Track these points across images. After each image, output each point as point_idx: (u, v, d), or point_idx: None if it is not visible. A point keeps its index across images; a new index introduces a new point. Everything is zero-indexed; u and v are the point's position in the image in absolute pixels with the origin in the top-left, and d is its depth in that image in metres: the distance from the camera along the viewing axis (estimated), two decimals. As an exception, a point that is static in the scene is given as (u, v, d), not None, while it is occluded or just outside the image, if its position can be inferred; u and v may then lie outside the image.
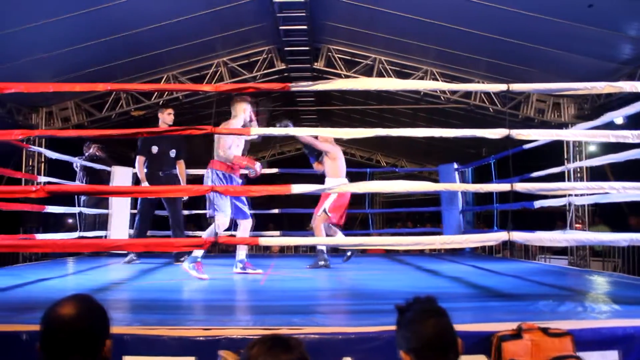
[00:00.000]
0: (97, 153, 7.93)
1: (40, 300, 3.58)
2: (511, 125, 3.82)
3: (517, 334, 2.43)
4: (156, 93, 9.76)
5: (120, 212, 7.53)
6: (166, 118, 6.42)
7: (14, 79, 4.57)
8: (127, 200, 7.58)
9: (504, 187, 3.78)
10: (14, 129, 3.97)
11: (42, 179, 7.06)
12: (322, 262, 5.74)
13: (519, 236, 3.55)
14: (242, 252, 5.38)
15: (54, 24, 6.80)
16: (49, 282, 4.65)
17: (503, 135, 3.61)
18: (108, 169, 7.69)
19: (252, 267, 5.36)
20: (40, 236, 5.79)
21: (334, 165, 5.90)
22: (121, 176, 7.62)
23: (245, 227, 5.31)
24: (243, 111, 5.28)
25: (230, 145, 5.08)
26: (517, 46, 7.53)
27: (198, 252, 4.93)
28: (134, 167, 6.82)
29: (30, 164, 9.60)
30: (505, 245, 9.22)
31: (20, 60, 7.56)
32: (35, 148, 8.01)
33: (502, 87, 3.90)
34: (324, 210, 5.66)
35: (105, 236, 7.36)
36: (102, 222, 7.68)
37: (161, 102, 9.79)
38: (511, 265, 6.54)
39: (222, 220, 4.96)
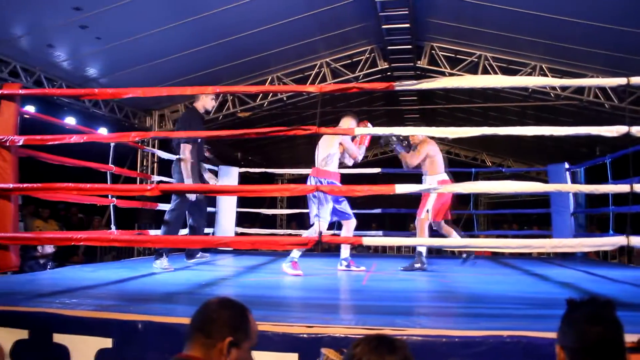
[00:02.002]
0: (206, 154, 8.25)
1: (153, 293, 3.79)
2: (631, 121, 3.57)
3: (638, 347, 2.26)
4: (261, 94, 10.05)
5: (226, 210, 7.79)
6: (207, 103, 5.90)
7: (130, 85, 4.87)
8: (233, 199, 7.84)
9: (623, 188, 3.53)
10: (130, 131, 4.22)
11: (155, 178, 7.45)
12: (418, 265, 5.58)
13: (638, 241, 3.31)
14: (346, 251, 5.59)
15: (166, 32, 7.23)
16: (160, 275, 4.90)
17: (622, 132, 3.38)
18: (215, 168, 7.99)
19: (355, 264, 5.48)
20: (153, 232, 6.11)
21: (432, 162, 5.75)
22: (227, 175, 7.88)
23: (349, 227, 5.44)
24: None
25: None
26: (638, 35, 7.02)
27: (296, 253, 5.11)
28: (239, 166, 6.93)
29: (145, 163, 10.19)
30: (622, 251, 8.67)
31: (136, 68, 8.08)
32: (149, 149, 8.47)
33: (621, 81, 3.65)
34: (427, 211, 5.55)
35: (213, 233, 7.65)
36: (209, 220, 7.98)
37: (266, 103, 10.06)
38: (629, 272, 6.11)
39: (323, 226, 5.12)
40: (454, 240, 5.33)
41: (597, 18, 6.94)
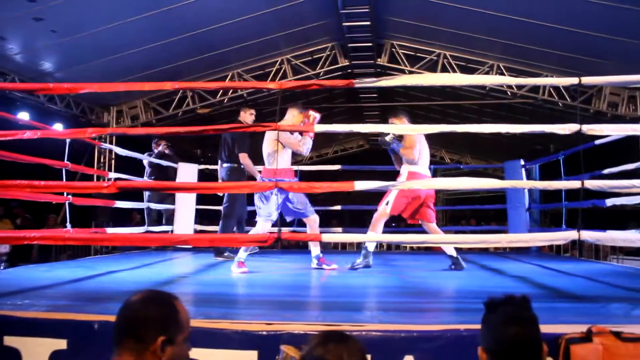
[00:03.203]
0: (165, 150, 8.15)
1: (110, 292, 3.73)
2: (582, 120, 3.68)
3: (586, 337, 2.33)
4: (221, 91, 9.97)
5: (185, 207, 7.72)
6: (247, 118, 6.48)
7: (87, 79, 4.78)
8: (192, 197, 7.76)
9: (574, 184, 3.65)
10: (87, 127, 4.14)
11: (112, 175, 7.33)
12: (360, 261, 5.34)
13: (589, 235, 3.42)
14: (316, 248, 5.42)
15: (124, 26, 7.10)
16: (118, 274, 4.82)
17: (574, 130, 3.48)
18: (175, 165, 7.90)
19: (327, 262, 5.38)
20: (110, 230, 6.01)
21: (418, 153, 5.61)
22: (186, 173, 7.80)
23: (310, 224, 5.34)
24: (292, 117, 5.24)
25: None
26: (590, 38, 7.25)
27: (242, 254, 5.05)
28: (199, 163, 6.90)
29: (102, 160, 10.00)
30: (574, 244, 8.91)
31: (93, 62, 7.91)
32: (106, 145, 8.32)
33: (573, 80, 3.76)
34: (387, 203, 5.41)
35: (172, 231, 7.56)
36: (167, 218, 7.89)
37: (226, 99, 9.98)
38: (580, 265, 6.30)
39: (261, 225, 5.05)
40: (412, 236, 5.34)
41: (551, 19, 7.13)
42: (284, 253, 7.60)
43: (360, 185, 3.63)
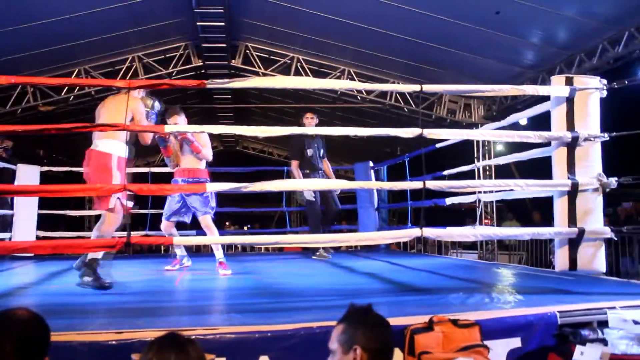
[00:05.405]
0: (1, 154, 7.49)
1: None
2: (424, 124, 3.94)
3: (428, 327, 2.51)
4: (66, 87, 9.35)
5: (25, 212, 7.16)
6: (310, 122, 6.46)
7: None
8: (34, 200, 7.22)
9: (417, 184, 3.89)
10: None
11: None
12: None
13: (430, 232, 3.66)
14: (218, 252, 5.29)
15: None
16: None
17: (416, 134, 3.71)
18: (13, 167, 7.28)
19: (225, 267, 5.17)
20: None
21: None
22: (27, 175, 7.23)
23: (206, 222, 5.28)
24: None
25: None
26: (430, 48, 7.81)
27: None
28: (41, 164, 6.43)
29: None
30: (418, 241, 9.51)
31: None
32: None
33: (415, 87, 4.01)
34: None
35: (10, 238, 6.97)
36: (3, 224, 7.26)
37: (72, 97, 9.39)
38: (424, 260, 6.75)
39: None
40: (262, 237, 5.36)
41: (395, 29, 7.56)
42: (136, 258, 7.31)
43: (213, 187, 3.60)
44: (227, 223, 17.83)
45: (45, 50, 7.99)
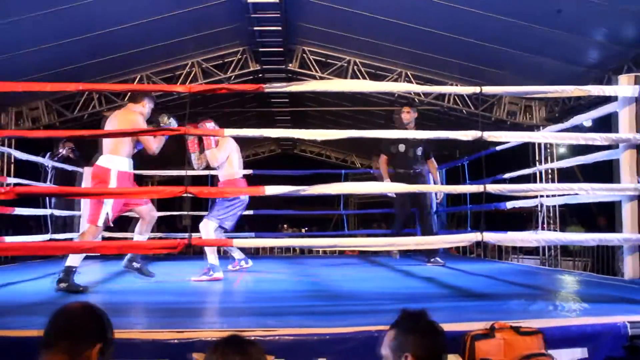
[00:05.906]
0: (69, 155, 7.79)
1: (9, 305, 3.50)
2: (483, 127, 3.86)
3: (489, 333, 2.45)
4: (129, 94, 9.64)
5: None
6: (407, 117, 6.35)
7: (-18, 78, 4.48)
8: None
9: (477, 188, 3.82)
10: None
11: (11, 180, 6.91)
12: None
13: (491, 237, 3.58)
14: (211, 256, 5.11)
15: (25, 22, 6.69)
16: (17, 285, 4.56)
17: (475, 137, 3.65)
18: (80, 170, 7.56)
19: (209, 272, 5.03)
20: (9, 239, 5.66)
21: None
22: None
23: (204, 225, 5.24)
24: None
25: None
26: (490, 49, 7.65)
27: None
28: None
29: (-1, 165, 9.41)
30: (478, 245, 9.33)
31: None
32: (4, 149, 7.85)
33: (474, 89, 3.95)
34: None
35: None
36: (72, 224, 7.54)
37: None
38: (484, 265, 6.61)
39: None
40: (322, 240, 5.38)
41: (453, 31, 7.45)
42: (197, 259, 7.45)
43: (271, 190, 3.63)
44: (285, 226, 17.96)
45: (109, 57, 8.28)
